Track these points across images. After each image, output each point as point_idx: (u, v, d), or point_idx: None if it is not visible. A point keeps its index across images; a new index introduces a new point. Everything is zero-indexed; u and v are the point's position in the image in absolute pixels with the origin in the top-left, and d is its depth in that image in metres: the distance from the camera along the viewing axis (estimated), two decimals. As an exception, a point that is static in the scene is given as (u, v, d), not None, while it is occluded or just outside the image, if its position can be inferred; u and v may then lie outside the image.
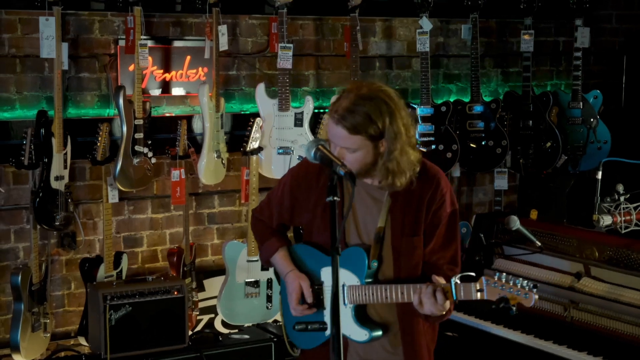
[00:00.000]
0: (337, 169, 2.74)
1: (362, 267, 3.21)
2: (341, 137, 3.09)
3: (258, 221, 3.57)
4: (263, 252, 3.51)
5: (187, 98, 5.61)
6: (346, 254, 3.21)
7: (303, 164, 3.42)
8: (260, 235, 3.55)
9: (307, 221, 3.39)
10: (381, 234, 3.24)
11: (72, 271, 5.32)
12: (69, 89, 5.25)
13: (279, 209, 3.46)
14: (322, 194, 3.13)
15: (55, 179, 4.92)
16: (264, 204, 3.55)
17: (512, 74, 6.82)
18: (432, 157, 6.00)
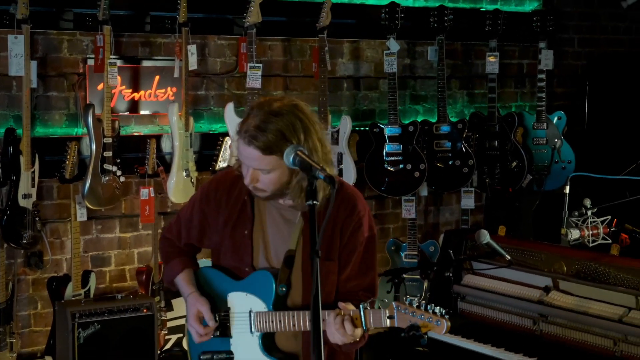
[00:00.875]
0: (317, 173, 2.55)
1: (269, 292, 3.01)
2: (254, 159, 2.85)
3: (165, 240, 3.33)
4: (167, 272, 3.29)
5: (156, 117, 5.61)
6: (253, 278, 3.05)
7: (214, 179, 3.23)
8: (165, 255, 3.32)
9: (216, 243, 3.16)
10: (292, 258, 3.03)
11: (38, 291, 5.27)
12: (37, 107, 5.23)
13: (187, 227, 3.23)
14: (232, 212, 3.07)
15: (23, 197, 4.89)
16: (173, 221, 3.32)
17: (477, 95, 6.90)
18: (401, 177, 6.05)
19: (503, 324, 4.66)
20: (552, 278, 4.57)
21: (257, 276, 3.04)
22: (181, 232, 3.25)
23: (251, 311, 3.04)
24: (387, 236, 6.49)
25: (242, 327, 3.06)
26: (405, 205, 6.21)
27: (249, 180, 2.91)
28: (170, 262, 3.27)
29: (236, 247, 3.08)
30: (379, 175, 6.10)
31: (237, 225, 3.08)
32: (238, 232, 3.08)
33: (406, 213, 6.21)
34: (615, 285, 4.25)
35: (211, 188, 3.16)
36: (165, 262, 3.32)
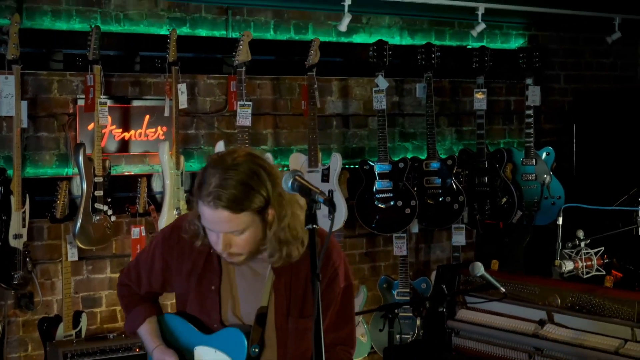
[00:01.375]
0: (316, 197, 2.44)
1: (241, 352, 2.81)
2: (224, 221, 2.62)
3: (124, 286, 3.11)
4: (129, 321, 3.08)
5: (146, 157, 5.61)
6: (223, 335, 2.85)
7: (174, 226, 2.95)
8: (125, 302, 3.11)
9: (181, 291, 2.96)
10: (263, 315, 2.84)
11: (29, 332, 5.22)
12: (27, 148, 5.21)
13: (148, 274, 3.01)
14: (197, 263, 2.86)
15: (13, 237, 4.87)
16: (132, 266, 3.08)
17: (465, 132, 6.94)
18: (392, 214, 6.05)
19: (498, 359, 4.64)
20: (547, 311, 4.55)
21: (228, 333, 2.84)
22: (141, 279, 3.03)
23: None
24: (379, 274, 6.47)
25: None
26: (397, 242, 6.20)
27: (221, 248, 2.69)
28: (131, 311, 3.07)
29: (202, 301, 2.88)
30: (370, 212, 6.10)
31: (203, 279, 2.87)
32: (204, 286, 2.87)
33: (397, 250, 6.21)
34: (610, 317, 4.23)
35: (172, 236, 2.92)
36: (126, 310, 3.10)
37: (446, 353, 4.82)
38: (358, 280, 6.40)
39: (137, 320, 3.04)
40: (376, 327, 6.03)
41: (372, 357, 6.34)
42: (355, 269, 6.43)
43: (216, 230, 2.67)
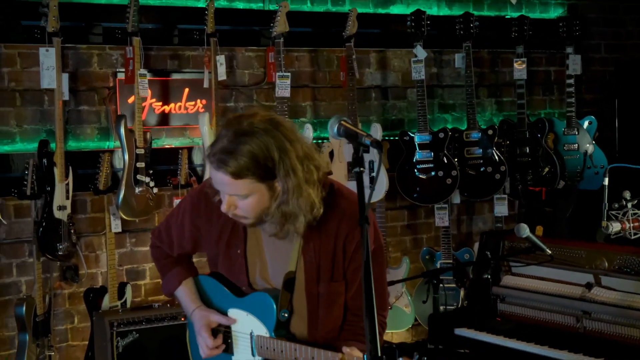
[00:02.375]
0: (363, 139, 2.37)
1: (270, 317, 2.79)
2: (226, 184, 2.60)
3: (156, 248, 3.11)
4: (165, 284, 3.09)
5: (187, 130, 5.61)
6: (253, 299, 2.84)
7: (201, 191, 2.90)
8: (161, 265, 3.11)
9: (211, 254, 2.96)
10: (292, 280, 2.80)
11: (75, 305, 5.25)
12: (69, 122, 5.24)
13: (180, 237, 3.00)
14: (224, 228, 2.84)
15: (58, 209, 4.89)
16: (163, 228, 3.06)
17: (506, 103, 6.87)
18: (432, 184, 6.01)
19: (545, 323, 4.59)
20: (594, 274, 4.50)
21: (258, 297, 2.83)
22: (173, 241, 3.02)
23: (252, 333, 2.85)
24: (421, 246, 6.44)
25: (244, 346, 2.89)
26: (438, 213, 6.16)
27: (225, 207, 2.67)
28: (168, 273, 3.07)
29: (231, 264, 2.88)
30: (411, 184, 6.07)
31: (230, 243, 2.87)
32: (231, 249, 2.87)
33: (439, 221, 6.17)
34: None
35: (200, 201, 2.89)
36: (162, 273, 3.10)
37: (492, 319, 4.78)
38: (400, 252, 6.38)
39: (174, 283, 3.05)
40: (420, 299, 6.01)
41: (415, 329, 6.32)
42: (397, 241, 6.40)
43: (220, 189, 2.67)
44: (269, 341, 2.79)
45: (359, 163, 2.39)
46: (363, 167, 2.39)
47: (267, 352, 2.79)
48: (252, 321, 2.84)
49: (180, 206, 3.01)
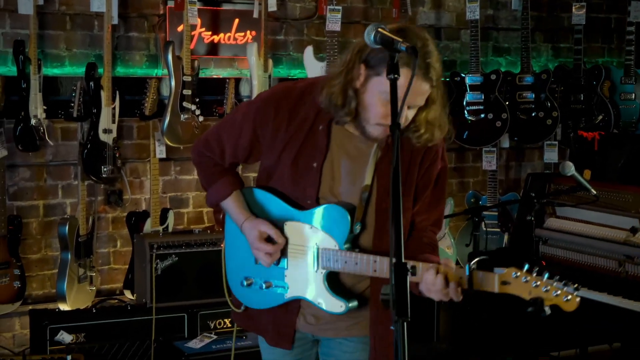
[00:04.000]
0: (399, 45, 2.29)
1: (343, 230, 2.73)
2: (423, 94, 2.56)
3: (204, 157, 2.94)
4: (213, 193, 2.94)
5: (235, 61, 5.60)
6: (321, 212, 2.75)
7: (273, 96, 2.82)
8: (208, 173, 2.96)
9: (269, 165, 2.85)
10: (367, 194, 2.76)
11: (118, 229, 5.32)
12: (117, 48, 5.26)
13: (234, 146, 2.87)
14: (296, 138, 2.75)
15: (103, 132, 4.94)
16: (212, 137, 2.92)
17: (562, 49, 6.72)
18: (482, 127, 5.93)
19: (586, 266, 4.54)
20: (639, 219, 4.42)
21: (328, 210, 2.74)
22: (225, 150, 2.88)
23: (318, 246, 2.76)
24: (467, 189, 6.37)
25: (302, 261, 2.81)
26: (486, 156, 6.08)
27: (403, 120, 2.57)
28: (217, 182, 2.93)
29: (298, 177, 2.78)
30: (460, 126, 5.98)
31: (303, 155, 2.76)
32: (304, 162, 2.77)
33: (487, 165, 6.09)
34: None
35: (269, 108, 2.78)
36: (209, 182, 2.95)
37: (533, 260, 4.73)
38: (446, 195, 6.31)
39: (224, 192, 2.91)
40: (463, 242, 5.96)
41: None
42: (443, 184, 6.34)
43: (408, 102, 2.51)
44: (339, 254, 2.72)
45: (394, 70, 2.34)
46: (398, 74, 2.32)
47: (335, 264, 2.72)
48: (318, 234, 2.76)
49: (239, 114, 2.87)
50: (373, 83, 2.58)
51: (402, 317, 2.06)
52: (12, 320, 5.07)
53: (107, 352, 4.59)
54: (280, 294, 2.85)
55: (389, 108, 2.40)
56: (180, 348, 4.51)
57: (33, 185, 5.09)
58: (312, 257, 2.77)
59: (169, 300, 4.74)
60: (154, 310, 4.68)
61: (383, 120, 2.58)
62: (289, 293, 2.83)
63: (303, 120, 2.75)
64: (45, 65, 4.98)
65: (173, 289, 4.76)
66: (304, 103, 2.75)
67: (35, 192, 5.10)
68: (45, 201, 5.14)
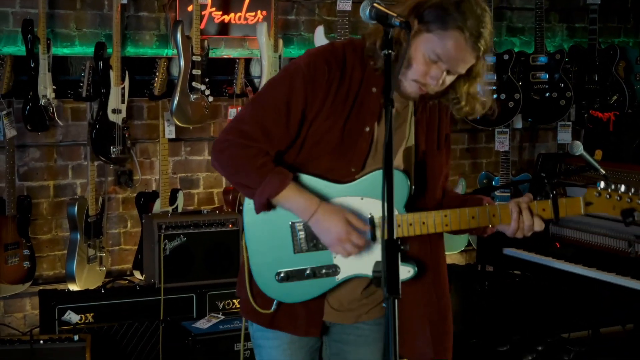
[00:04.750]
0: (393, 20, 2.24)
1: (402, 193, 2.62)
2: (467, 62, 2.52)
3: (246, 148, 2.58)
4: (270, 185, 2.56)
5: (246, 41, 5.58)
6: (374, 179, 2.62)
7: (320, 56, 2.60)
8: (258, 165, 2.57)
9: (316, 134, 2.62)
10: (411, 154, 2.70)
11: (128, 210, 5.32)
12: (128, 27, 5.25)
13: (285, 122, 2.60)
14: (346, 101, 2.59)
15: (112, 112, 4.93)
16: (248, 124, 2.59)
17: (577, 29, 6.65)
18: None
19: (596, 247, 4.51)
20: (650, 199, 4.38)
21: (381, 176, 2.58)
22: (271, 133, 2.59)
23: (372, 216, 2.61)
24: (480, 170, 6.33)
25: None
26: (499, 137, 6.03)
27: (438, 84, 2.54)
28: (270, 172, 2.57)
29: (347, 143, 2.61)
30: (472, 106, 5.93)
31: (355, 118, 2.61)
32: (355, 126, 2.61)
33: (499, 145, 6.04)
34: None
35: (318, 67, 2.56)
36: (261, 174, 2.57)
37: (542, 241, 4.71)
38: (458, 175, 6.29)
39: (284, 181, 2.57)
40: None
41: (470, 254, 6.26)
42: (456, 165, 6.31)
43: (450, 65, 2.50)
44: (402, 218, 2.61)
45: (388, 46, 2.31)
46: (392, 49, 2.28)
47: (399, 230, 2.60)
48: (370, 203, 2.62)
49: (279, 87, 2.61)
50: (421, 39, 2.51)
51: (393, 295, 2.04)
52: (22, 301, 5.09)
53: (115, 332, 4.60)
54: (331, 278, 2.68)
55: (430, 67, 2.48)
56: (188, 328, 4.51)
57: (43, 165, 5.11)
58: (370, 230, 2.60)
59: (177, 280, 4.74)
60: (162, 291, 4.68)
61: (421, 77, 2.52)
62: (342, 274, 2.67)
63: (351, 79, 2.61)
64: (55, 45, 4.98)
65: (181, 270, 4.77)
66: (349, 60, 2.61)
67: (46, 173, 5.11)
68: (56, 181, 5.15)
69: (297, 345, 2.78)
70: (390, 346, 1.95)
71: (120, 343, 4.60)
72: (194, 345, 4.39)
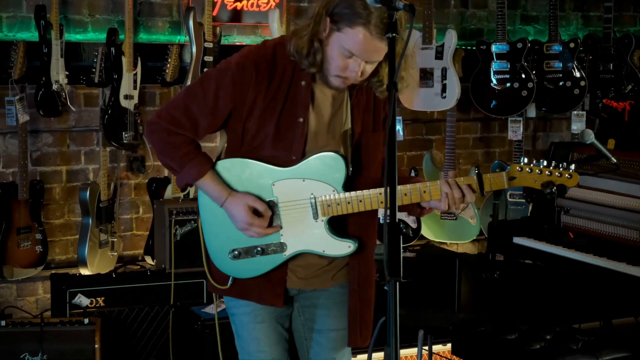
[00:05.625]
0: (397, 3, 2.33)
1: (340, 174, 2.83)
2: (382, 51, 2.70)
3: (172, 135, 2.81)
4: (187, 174, 2.84)
5: (258, 28, 5.58)
6: (313, 163, 2.83)
7: (249, 58, 2.81)
8: (179, 154, 2.83)
9: (250, 127, 2.82)
10: (348, 136, 2.90)
11: (140, 196, 5.35)
12: (140, 14, 5.26)
13: (211, 116, 2.81)
14: (278, 96, 2.80)
15: (124, 98, 4.95)
16: (179, 112, 2.80)
17: (592, 18, 6.62)
18: (508, 96, 5.87)
19: (607, 236, 4.49)
20: (662, 188, 4.36)
21: (321, 159, 2.82)
22: (199, 124, 2.82)
23: (314, 196, 2.84)
24: (493, 160, 6.32)
25: (298, 215, 2.86)
26: (512, 126, 6.01)
27: (358, 75, 2.74)
28: (190, 162, 2.83)
29: (283, 134, 2.82)
30: (485, 95, 5.92)
31: (288, 111, 2.82)
32: (288, 119, 2.82)
33: (512, 135, 6.02)
34: None
35: (248, 70, 2.78)
36: (181, 163, 2.84)
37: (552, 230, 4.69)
38: (470, 165, 6.28)
39: (201, 171, 2.84)
40: (487, 213, 5.90)
41: (482, 244, 6.25)
42: (468, 154, 6.30)
43: (369, 59, 2.72)
44: (340, 197, 2.83)
45: (393, 29, 2.35)
46: (396, 32, 2.36)
47: (338, 208, 2.83)
48: (312, 185, 2.84)
49: (210, 83, 2.82)
50: (334, 37, 2.71)
51: (394, 277, 2.06)
52: (35, 285, 5.13)
53: (125, 317, 4.63)
54: (279, 254, 2.90)
55: (347, 62, 2.71)
56: (197, 313, 4.53)
57: (56, 150, 5.13)
58: (311, 208, 2.84)
59: (187, 265, 4.76)
60: (173, 276, 4.71)
61: (342, 72, 2.75)
62: (289, 250, 2.89)
63: (282, 76, 2.81)
64: (68, 30, 5.01)
65: (192, 255, 4.76)
66: (279, 60, 2.81)
67: (58, 158, 5.14)
68: (68, 167, 5.18)
69: (266, 311, 2.98)
70: (390, 328, 1.96)
71: (130, 327, 4.63)
72: (204, 330, 4.41)
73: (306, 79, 2.82)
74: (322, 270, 2.98)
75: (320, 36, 2.73)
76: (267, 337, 3.00)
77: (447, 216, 5.88)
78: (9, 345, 4.26)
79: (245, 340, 3.02)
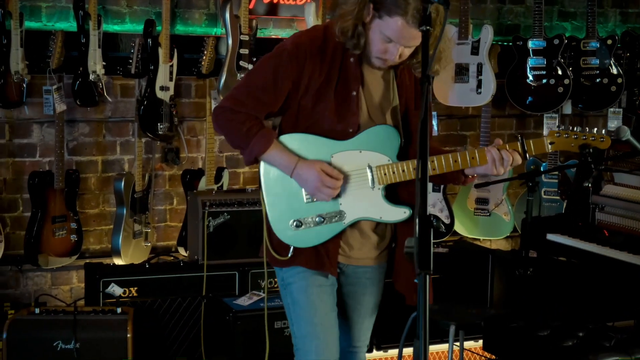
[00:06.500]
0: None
1: (394, 144, 3.04)
2: (418, 38, 2.81)
3: (236, 114, 3.00)
4: (254, 147, 2.99)
5: (294, 21, 5.59)
6: (368, 136, 3.02)
7: (301, 39, 3.01)
8: (243, 130, 2.99)
9: (308, 105, 3.02)
10: (398, 111, 3.12)
11: (174, 187, 5.38)
12: (178, 5, 5.29)
13: (272, 96, 3.00)
14: (332, 72, 2.98)
15: (160, 89, 4.98)
16: (242, 95, 3.01)
17: (631, 14, 6.55)
18: (543, 92, 5.83)
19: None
20: (699, 187, 4.31)
21: (375, 132, 3.04)
22: (261, 102, 2.99)
23: (371, 166, 3.03)
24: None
25: (356, 184, 3.05)
26: (547, 122, 5.98)
27: (397, 58, 2.95)
28: (256, 135, 2.98)
29: (340, 108, 3.02)
30: (521, 91, 5.89)
31: (342, 86, 3.02)
32: (342, 92, 3.02)
33: (548, 131, 5.96)
34: None
35: (301, 49, 2.98)
36: (248, 136, 2.98)
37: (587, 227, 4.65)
38: (505, 161, 6.23)
39: (267, 142, 2.99)
40: (521, 210, 5.87)
41: (516, 240, 6.22)
42: (503, 150, 6.25)
43: (407, 44, 2.91)
44: (395, 166, 3.02)
45: (427, 22, 2.47)
46: (430, 25, 2.50)
47: (391, 177, 3.02)
48: (368, 156, 3.02)
49: (269, 63, 3.01)
50: (375, 23, 2.91)
51: (424, 270, 2.06)
52: (69, 274, 5.18)
53: (158, 307, 4.65)
54: (338, 222, 3.05)
55: (387, 46, 2.90)
56: (229, 304, 4.55)
57: (92, 140, 5.18)
58: (369, 177, 3.03)
59: (220, 257, 4.78)
60: (205, 267, 4.73)
61: (382, 55, 2.95)
62: (348, 218, 3.05)
63: (333, 54, 3.00)
64: (106, 21, 5.05)
65: (224, 247, 4.81)
66: (329, 40, 3.00)
67: (94, 148, 5.19)
68: (104, 157, 5.22)
69: (322, 280, 3.11)
70: (420, 319, 1.96)
71: (163, 317, 4.66)
72: (235, 322, 4.43)
73: (354, 57, 3.01)
74: (367, 250, 3.15)
75: (365, 20, 2.92)
76: (323, 302, 3.10)
77: (481, 212, 5.86)
78: (43, 333, 4.30)
79: (302, 305, 3.10)
